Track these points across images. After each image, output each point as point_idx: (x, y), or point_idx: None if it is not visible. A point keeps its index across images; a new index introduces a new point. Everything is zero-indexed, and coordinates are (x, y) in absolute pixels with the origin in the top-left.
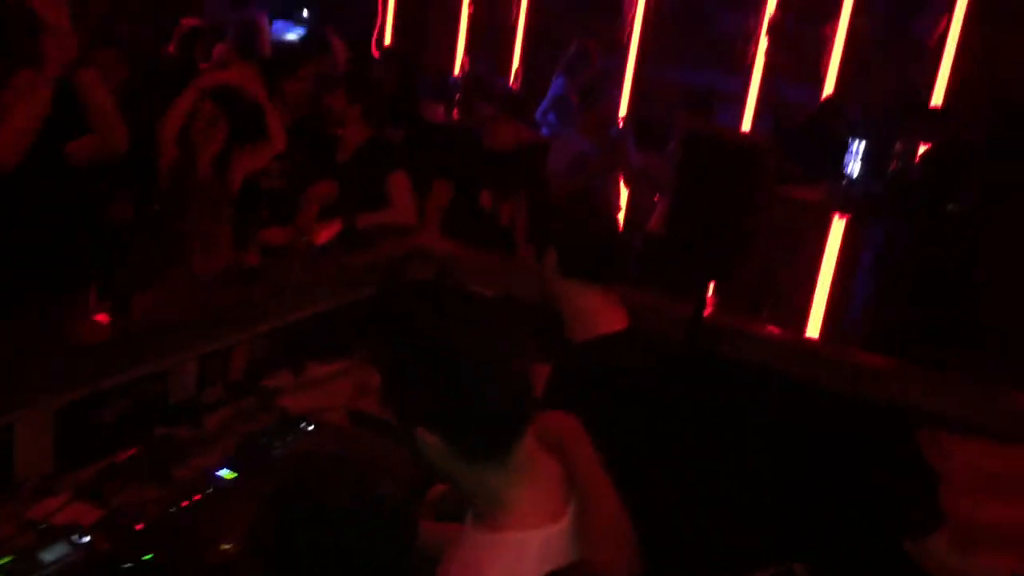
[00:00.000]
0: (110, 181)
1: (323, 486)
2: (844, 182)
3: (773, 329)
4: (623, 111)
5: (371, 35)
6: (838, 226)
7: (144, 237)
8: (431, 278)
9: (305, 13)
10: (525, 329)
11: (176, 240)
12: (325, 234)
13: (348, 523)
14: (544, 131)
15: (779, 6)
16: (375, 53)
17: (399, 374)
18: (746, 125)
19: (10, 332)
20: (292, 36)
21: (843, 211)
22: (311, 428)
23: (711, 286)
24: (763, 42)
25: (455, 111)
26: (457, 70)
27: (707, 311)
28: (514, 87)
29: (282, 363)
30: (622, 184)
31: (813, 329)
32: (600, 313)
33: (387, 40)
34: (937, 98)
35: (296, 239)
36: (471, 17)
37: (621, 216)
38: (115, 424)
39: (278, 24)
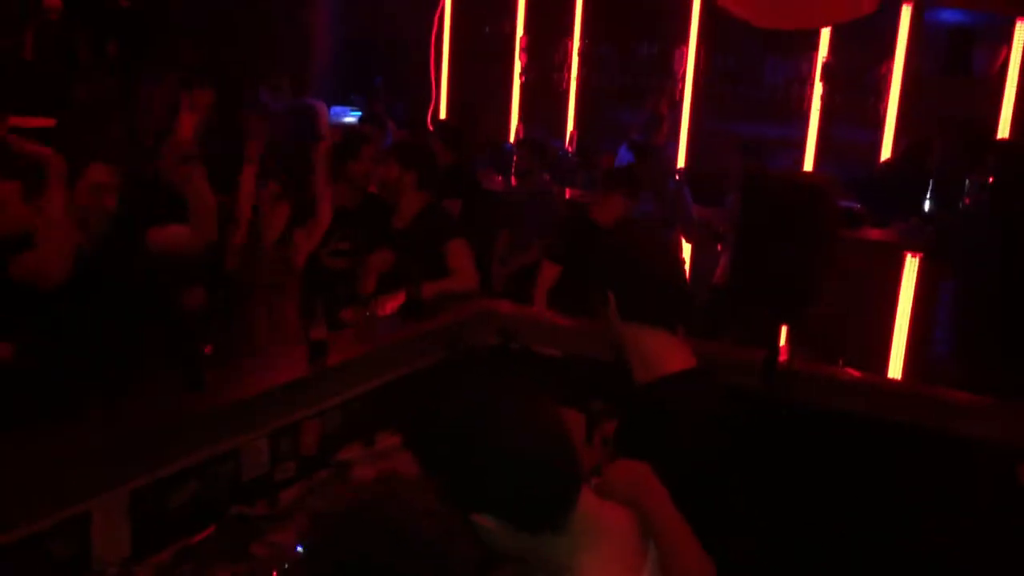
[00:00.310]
0: (183, 268)
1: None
2: (914, 220)
3: (853, 372)
4: (680, 165)
5: (426, 112)
6: (912, 265)
7: (215, 318)
8: (496, 342)
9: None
10: (549, 390)
11: (245, 319)
12: (390, 305)
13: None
14: None
15: (831, 50)
16: (430, 128)
17: (438, 467)
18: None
19: (87, 419)
20: (349, 120)
21: (916, 249)
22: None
23: (783, 332)
24: (818, 87)
25: (512, 178)
26: (512, 138)
27: (781, 358)
28: (570, 150)
29: (353, 435)
30: (684, 239)
31: (895, 371)
32: (665, 353)
33: (442, 115)
34: (1003, 130)
35: (363, 313)
36: (523, 86)
37: (686, 270)
38: (189, 505)
39: (335, 110)
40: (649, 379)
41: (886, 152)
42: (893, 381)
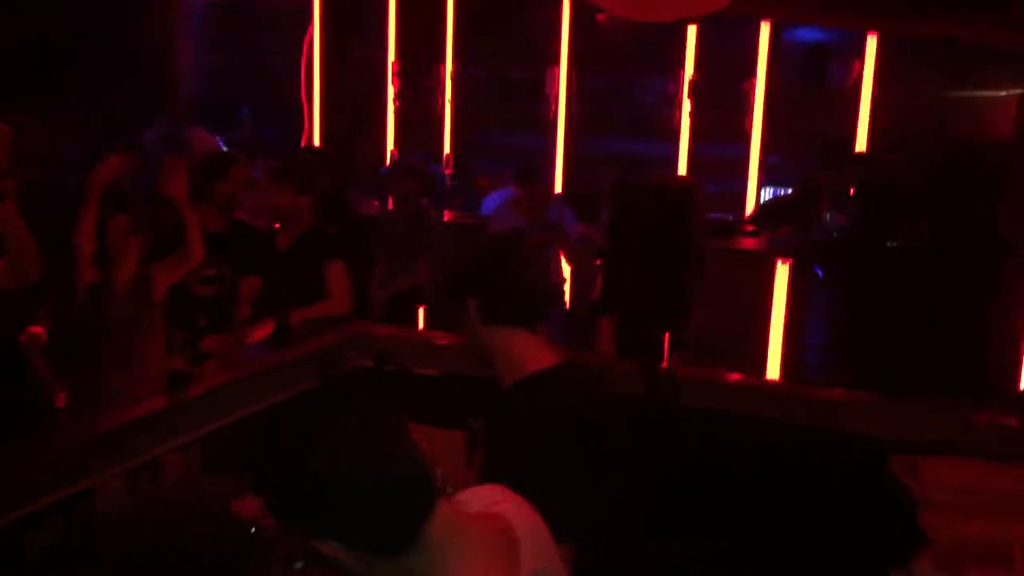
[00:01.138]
0: (28, 302)
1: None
2: (783, 229)
3: (732, 375)
4: (557, 187)
5: (299, 140)
6: (782, 272)
7: (63, 359)
8: (372, 364)
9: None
10: (402, 412)
11: (99, 357)
12: (259, 333)
13: None
14: None
15: (697, 68)
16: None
17: (271, 492)
18: None
19: None
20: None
21: (784, 257)
22: (254, 532)
23: (661, 340)
24: (686, 104)
25: (389, 203)
26: (387, 162)
27: (662, 364)
28: (447, 173)
29: (222, 469)
30: (565, 260)
31: (772, 374)
32: (530, 352)
33: (316, 141)
34: (860, 142)
35: (229, 342)
36: (397, 111)
37: (567, 289)
38: (46, 548)
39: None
40: (516, 379)
41: (753, 167)
42: (770, 381)
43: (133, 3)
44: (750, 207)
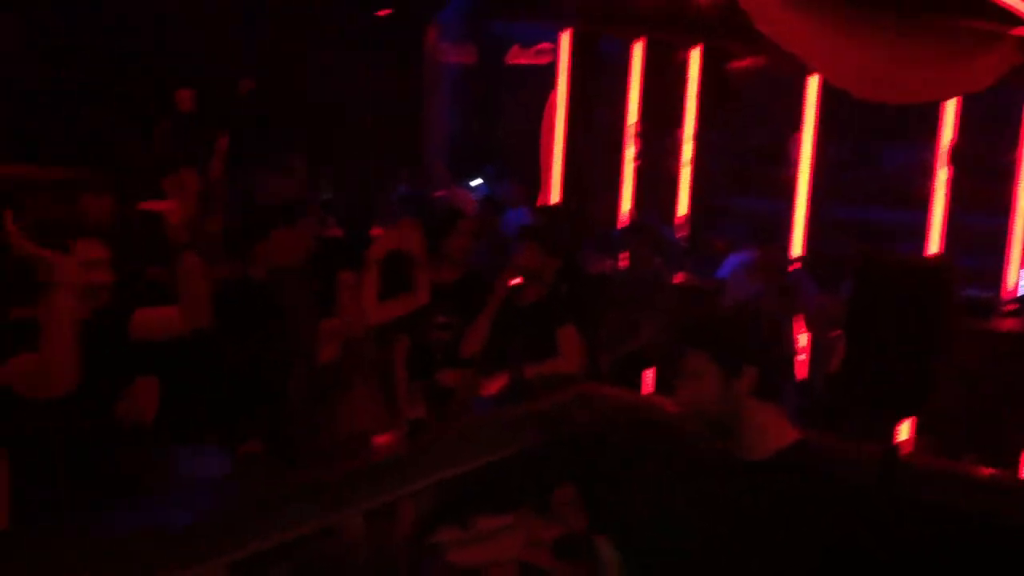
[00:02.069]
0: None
1: None
2: None
3: (981, 469)
4: (796, 252)
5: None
6: None
7: (310, 395)
8: (597, 427)
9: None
10: None
11: (335, 398)
12: (493, 385)
13: None
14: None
15: (958, 133)
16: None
17: None
18: None
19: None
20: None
21: None
22: None
23: (903, 425)
24: (943, 172)
25: (621, 263)
26: (622, 223)
27: (902, 452)
28: (681, 235)
29: (450, 517)
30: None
31: None
32: (775, 427)
33: (554, 197)
34: None
35: (465, 384)
36: (635, 171)
37: (802, 359)
38: None
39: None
40: (763, 455)
41: (1018, 241)
42: None
43: (393, 67)
44: (1010, 284)
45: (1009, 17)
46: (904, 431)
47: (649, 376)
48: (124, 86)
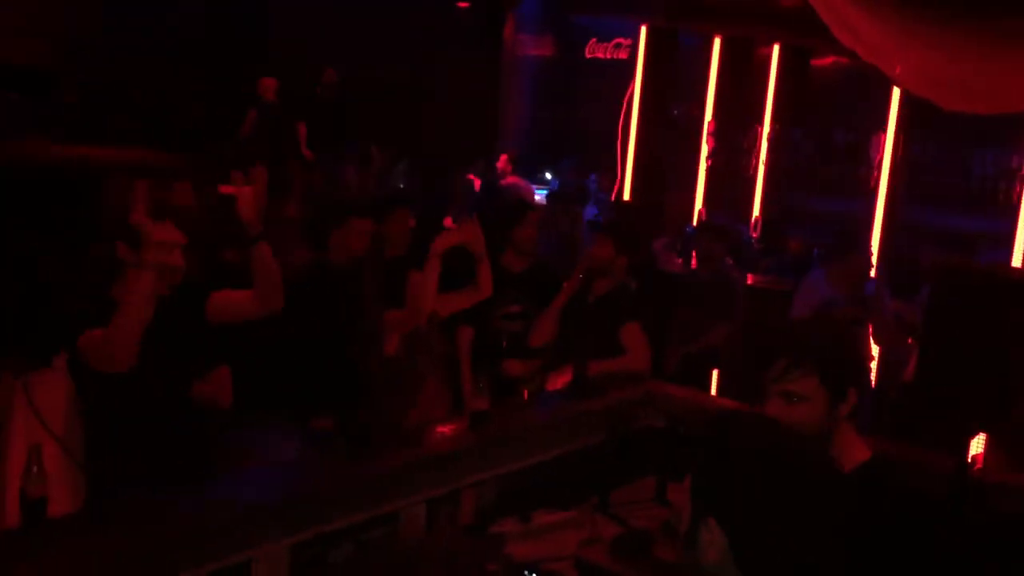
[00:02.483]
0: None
1: None
2: None
3: None
4: (874, 258)
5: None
6: None
7: (382, 383)
8: (662, 426)
9: (548, 175)
10: None
11: (409, 386)
12: (558, 380)
13: None
14: None
15: None
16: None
17: None
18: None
19: (252, 473)
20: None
21: None
22: None
23: (980, 438)
24: None
25: (692, 261)
26: (695, 221)
27: (976, 466)
28: (754, 236)
29: (510, 509)
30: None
31: None
32: (858, 441)
33: (627, 194)
34: None
35: (531, 377)
36: (709, 170)
37: (874, 367)
38: (346, 565)
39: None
40: (850, 468)
41: None
42: None
43: (470, 56)
44: None
45: None
46: (978, 445)
47: (715, 377)
48: (212, 74)
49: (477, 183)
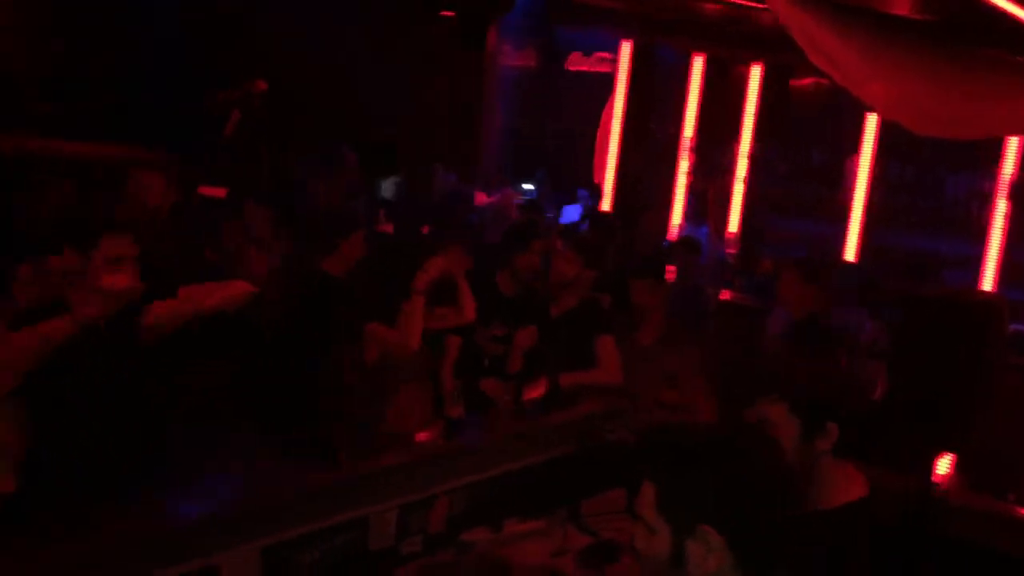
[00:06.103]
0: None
1: None
2: None
3: (1020, 508)
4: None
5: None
6: None
7: (356, 393)
8: (633, 439)
9: (528, 186)
10: None
11: (385, 397)
12: (532, 392)
13: None
14: None
15: (1019, 166)
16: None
17: None
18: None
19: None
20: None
21: None
22: None
23: (941, 459)
24: (1001, 204)
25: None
26: (674, 235)
27: (940, 488)
28: (729, 252)
29: (482, 518)
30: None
31: None
32: (849, 478)
33: (605, 206)
34: None
35: (506, 393)
36: (689, 185)
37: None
38: (314, 567)
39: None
40: (831, 506)
41: None
42: None
43: (448, 64)
44: None
45: None
46: (943, 466)
47: None
48: (198, 74)
49: (481, 197)
